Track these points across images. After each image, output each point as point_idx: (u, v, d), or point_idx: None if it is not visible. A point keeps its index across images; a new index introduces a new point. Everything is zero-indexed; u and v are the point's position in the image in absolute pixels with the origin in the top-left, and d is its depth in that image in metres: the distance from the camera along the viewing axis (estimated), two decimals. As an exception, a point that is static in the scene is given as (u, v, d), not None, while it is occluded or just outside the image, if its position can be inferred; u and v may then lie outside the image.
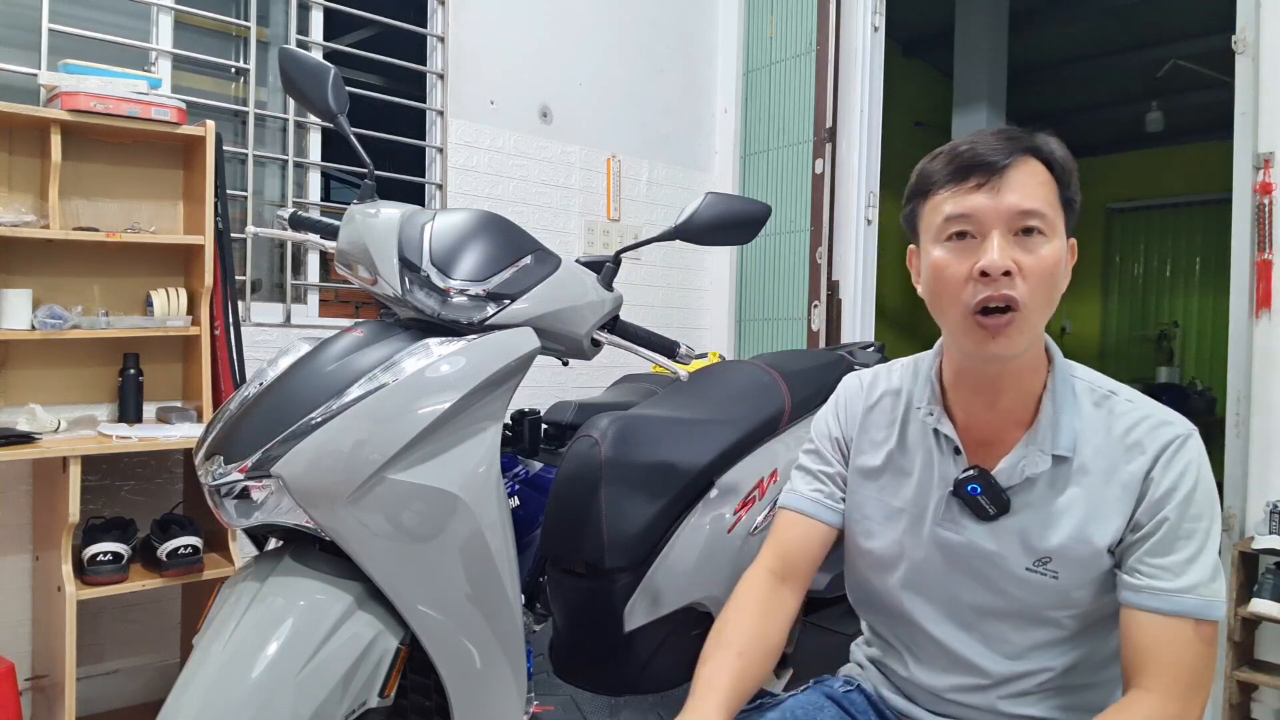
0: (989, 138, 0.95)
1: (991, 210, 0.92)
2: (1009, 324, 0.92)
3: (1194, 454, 0.95)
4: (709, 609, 1.64)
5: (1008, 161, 0.92)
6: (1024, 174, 0.93)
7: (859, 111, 3.28)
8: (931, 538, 1.05)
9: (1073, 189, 0.96)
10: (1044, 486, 0.98)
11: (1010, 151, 0.93)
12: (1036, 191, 0.92)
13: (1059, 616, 0.99)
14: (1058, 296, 0.95)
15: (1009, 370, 0.98)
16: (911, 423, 1.09)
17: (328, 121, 1.42)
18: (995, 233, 0.91)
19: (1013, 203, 0.91)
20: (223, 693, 1.03)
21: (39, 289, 2.09)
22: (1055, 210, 0.94)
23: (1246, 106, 2.36)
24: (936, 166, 0.97)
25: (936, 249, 0.96)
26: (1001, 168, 0.92)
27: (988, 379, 1.00)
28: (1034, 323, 0.93)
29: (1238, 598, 2.24)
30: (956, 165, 0.94)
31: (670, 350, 1.47)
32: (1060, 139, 0.98)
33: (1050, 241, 0.92)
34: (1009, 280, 0.90)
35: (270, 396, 1.19)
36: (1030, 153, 0.94)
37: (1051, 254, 0.92)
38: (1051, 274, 0.93)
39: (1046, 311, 0.94)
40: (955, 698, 1.04)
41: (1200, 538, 0.93)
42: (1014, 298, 0.91)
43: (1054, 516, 0.97)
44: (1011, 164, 0.92)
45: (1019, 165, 0.93)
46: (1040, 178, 0.94)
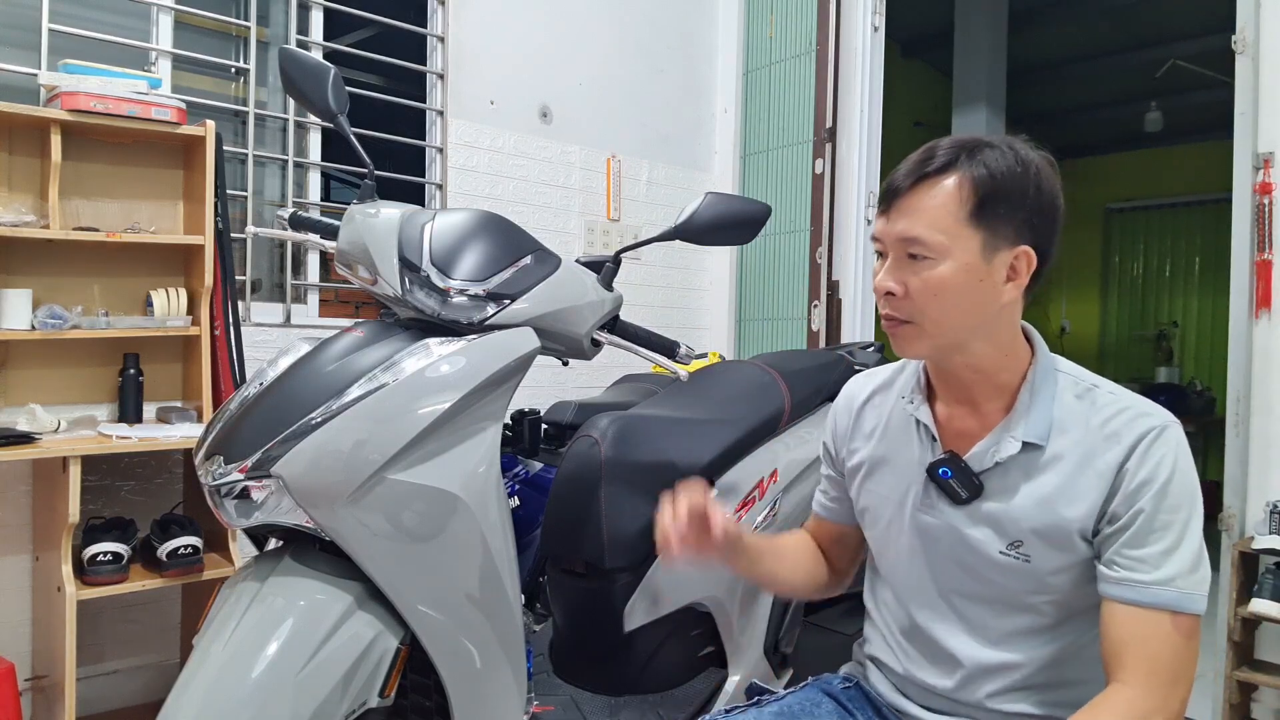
0: (912, 159, 0.99)
1: (886, 235, 0.99)
2: (903, 331, 1.00)
3: (1172, 445, 0.96)
4: (709, 609, 1.64)
5: (904, 186, 0.97)
6: (921, 199, 0.96)
7: (859, 111, 3.28)
8: (913, 523, 1.08)
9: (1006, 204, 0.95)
10: (1017, 472, 1.00)
11: (911, 176, 0.97)
12: (925, 217, 0.95)
13: (1037, 603, 1.00)
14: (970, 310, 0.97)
15: (959, 365, 1.02)
16: (896, 414, 1.13)
17: (328, 121, 1.42)
18: (891, 256, 0.99)
19: (900, 229, 0.97)
20: (223, 693, 1.03)
21: (39, 289, 2.09)
22: (952, 232, 0.94)
23: (1246, 106, 2.36)
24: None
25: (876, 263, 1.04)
26: (900, 194, 0.97)
27: (949, 373, 1.05)
28: (935, 333, 0.98)
29: (1237, 598, 2.24)
30: (882, 190, 1.01)
31: (670, 350, 1.47)
32: (1059, 139, 0.99)
33: (939, 263, 0.95)
34: (893, 299, 0.99)
35: (270, 396, 1.19)
36: (941, 173, 0.95)
37: (936, 275, 0.95)
38: (935, 294, 0.96)
39: (952, 324, 0.97)
40: (948, 693, 1.06)
41: (1178, 530, 0.94)
42: (897, 315, 0.99)
43: (1025, 500, 0.99)
44: (907, 190, 0.97)
45: (918, 190, 0.96)
46: (940, 200, 0.95)
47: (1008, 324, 1.01)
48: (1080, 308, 7.79)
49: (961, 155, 0.96)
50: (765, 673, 1.73)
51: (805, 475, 1.79)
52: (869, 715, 1.14)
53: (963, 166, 0.95)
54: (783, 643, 1.76)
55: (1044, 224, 0.98)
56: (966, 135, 1.00)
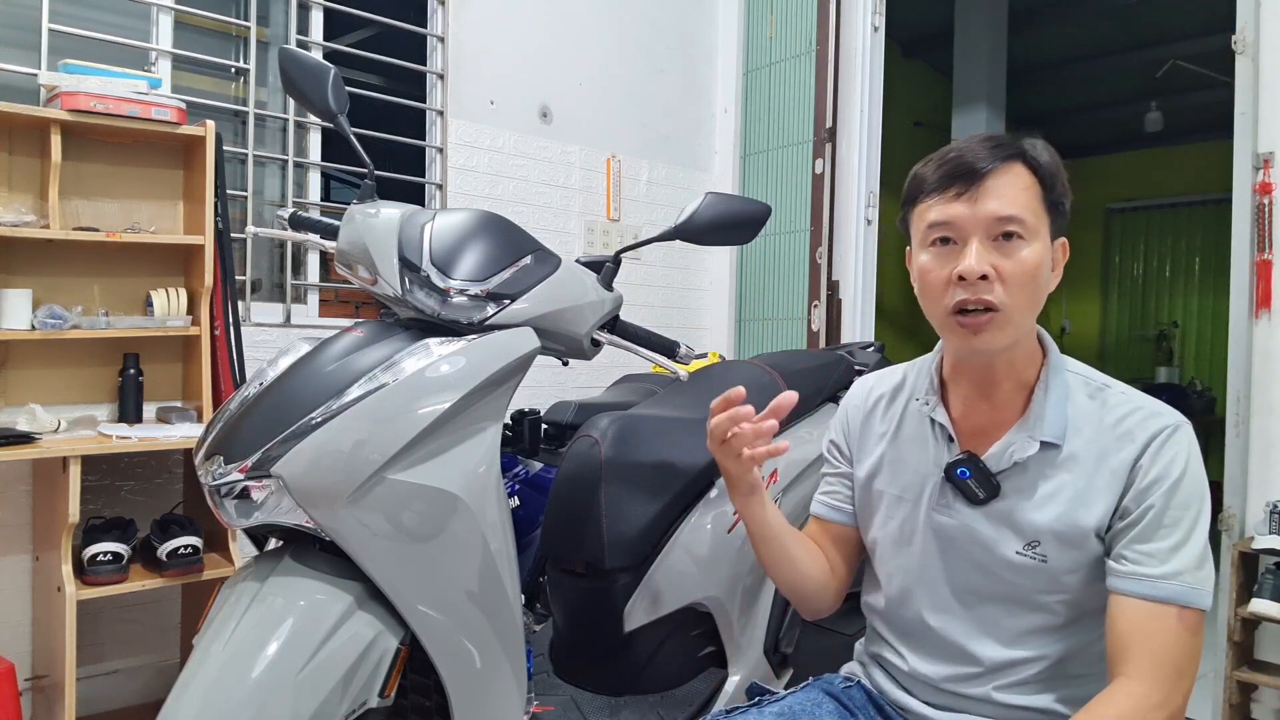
0: (975, 145, 0.99)
1: (970, 218, 0.96)
2: (989, 322, 0.97)
3: (1183, 444, 0.97)
4: (709, 609, 1.64)
5: (988, 169, 0.96)
6: (1005, 181, 0.96)
7: (859, 111, 3.28)
8: (927, 522, 1.08)
9: (1058, 192, 0.99)
10: (1033, 472, 1.01)
11: (992, 159, 0.97)
12: (1017, 197, 0.96)
13: (1050, 602, 1.01)
14: (1042, 296, 0.99)
15: (1000, 363, 1.02)
16: (910, 414, 1.13)
17: (328, 121, 1.42)
18: (974, 239, 0.96)
19: (991, 210, 0.96)
20: (223, 693, 1.03)
21: (39, 289, 2.09)
22: (1037, 214, 0.97)
23: (1246, 106, 2.36)
24: (924, 174, 1.02)
25: (923, 254, 1.01)
26: (982, 175, 0.96)
27: (982, 371, 1.04)
28: (1016, 321, 0.97)
29: (1237, 598, 2.24)
30: (941, 174, 0.99)
31: (670, 350, 1.47)
32: (1059, 139, 1.01)
33: (1030, 245, 0.96)
34: (986, 284, 0.95)
35: (270, 396, 1.19)
36: (1013, 159, 0.98)
37: (1031, 257, 0.96)
38: (1031, 276, 0.96)
39: (1029, 311, 0.98)
40: (952, 688, 1.06)
41: (1186, 526, 0.95)
42: (990, 301, 0.96)
43: (1042, 500, 1.00)
44: (992, 171, 0.96)
45: (1000, 172, 0.96)
46: (1022, 183, 0.97)
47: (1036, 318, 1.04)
48: (1080, 308, 7.79)
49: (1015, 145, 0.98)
50: (765, 673, 1.73)
51: (805, 475, 1.79)
52: (870, 715, 1.14)
53: (1027, 154, 0.98)
54: (783, 643, 1.76)
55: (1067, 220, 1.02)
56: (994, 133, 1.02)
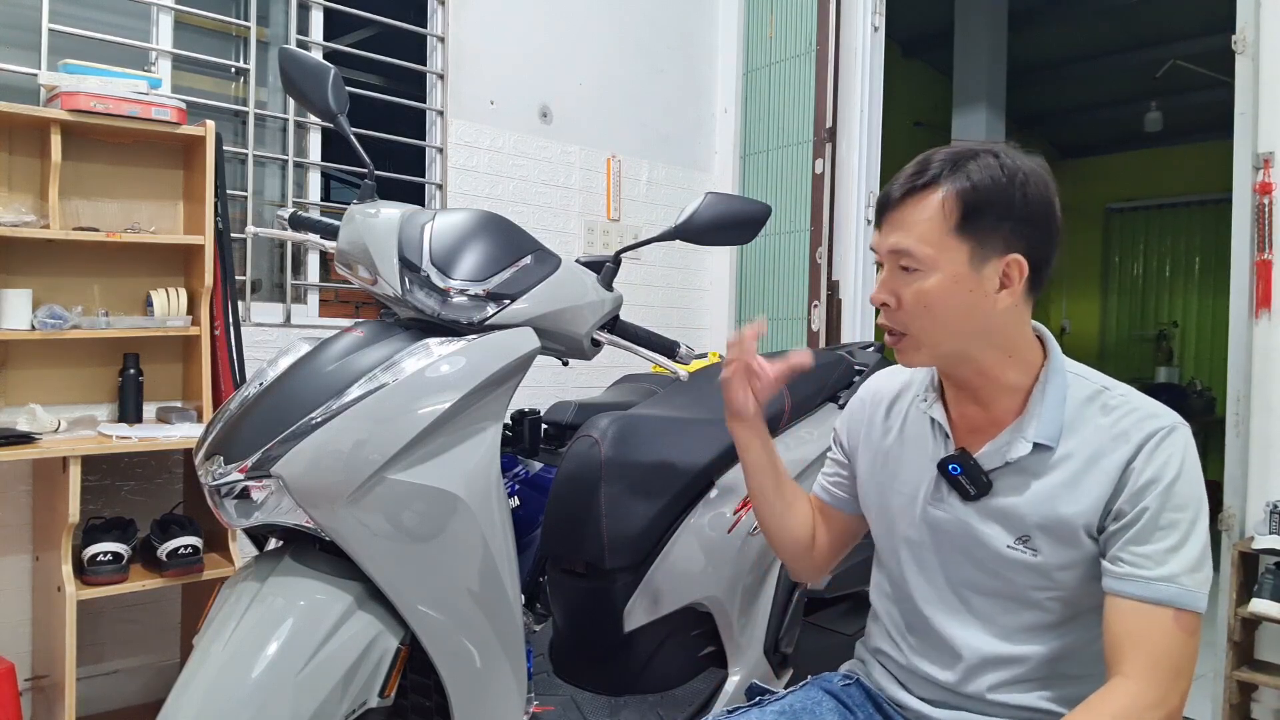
0: (905, 172, 1.02)
1: (880, 247, 1.03)
2: (899, 342, 1.04)
3: (1179, 446, 0.97)
4: (709, 609, 1.64)
5: (896, 199, 1.00)
6: (908, 213, 0.99)
7: (859, 111, 3.28)
8: (923, 517, 1.10)
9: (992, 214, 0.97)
10: (1027, 471, 1.02)
11: (901, 190, 1.00)
12: (916, 229, 0.98)
13: (1043, 599, 1.02)
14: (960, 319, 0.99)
15: (965, 371, 1.05)
16: (912, 412, 1.15)
17: (328, 121, 1.42)
18: (886, 267, 1.03)
19: (892, 242, 1.00)
20: (223, 693, 1.03)
21: (39, 289, 2.09)
22: (939, 245, 0.97)
23: (1246, 106, 2.36)
24: None
25: None
26: (891, 207, 1.01)
27: (960, 378, 1.07)
28: (928, 344, 1.02)
29: (1237, 598, 2.25)
30: (877, 202, 1.05)
31: (670, 350, 1.47)
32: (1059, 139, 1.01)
33: (927, 276, 0.98)
34: (888, 310, 1.03)
35: (270, 396, 1.19)
36: (928, 187, 0.98)
37: (925, 287, 0.99)
38: (926, 305, 0.99)
39: (945, 335, 1.01)
40: (950, 686, 1.07)
41: (1183, 528, 0.95)
42: (890, 326, 1.03)
43: (1034, 496, 1.01)
44: (899, 203, 1.00)
45: (907, 204, 1.00)
46: (928, 214, 0.98)
47: (1010, 329, 1.02)
48: (1080, 308, 7.80)
49: (947, 168, 0.98)
50: (765, 673, 1.73)
51: (805, 475, 1.79)
52: (869, 712, 1.14)
53: (947, 180, 0.98)
54: (783, 643, 1.76)
55: (1034, 231, 0.99)
56: (961, 145, 1.01)
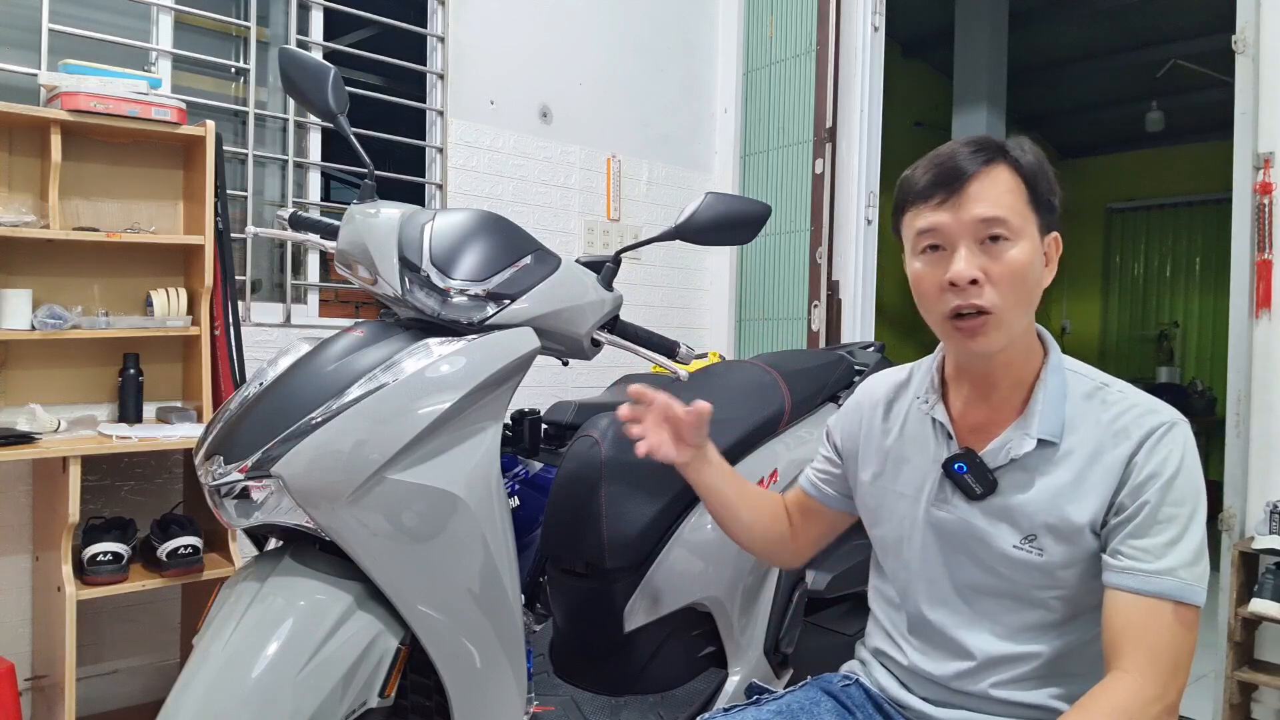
0: (958, 148, 1.00)
1: (955, 224, 0.98)
2: (983, 325, 0.98)
3: (1179, 441, 0.98)
4: (709, 609, 1.64)
5: (970, 173, 0.97)
6: (987, 184, 0.97)
7: (859, 111, 3.28)
8: (927, 518, 1.09)
9: (1043, 189, 1.00)
10: (1030, 468, 1.02)
11: (974, 163, 0.98)
12: (1000, 199, 0.97)
13: (1047, 598, 1.02)
14: (1035, 294, 1.00)
15: (999, 362, 1.03)
16: (913, 413, 1.15)
17: (328, 121, 1.42)
18: (962, 244, 0.98)
19: (975, 214, 0.97)
20: (223, 693, 1.03)
21: (39, 289, 2.09)
22: (1022, 214, 0.98)
23: (1246, 106, 2.37)
24: (910, 181, 1.03)
25: (915, 261, 1.03)
26: (965, 181, 0.97)
27: (981, 371, 1.06)
28: (1009, 322, 0.99)
29: (1238, 598, 2.25)
30: (925, 181, 1.00)
31: (670, 350, 1.47)
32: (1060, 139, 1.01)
33: (1017, 245, 0.97)
34: (976, 288, 0.97)
35: (270, 396, 1.19)
36: (995, 161, 0.98)
37: (1019, 256, 0.97)
38: (1021, 277, 0.98)
39: (1022, 310, 1.00)
40: (951, 684, 1.07)
41: (1182, 523, 0.95)
42: (982, 305, 0.97)
43: (1039, 496, 1.01)
44: (974, 175, 0.97)
45: (982, 176, 0.98)
46: (1005, 185, 0.98)
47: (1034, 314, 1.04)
48: (1081, 307, 7.80)
49: (1003, 145, 1.00)
50: (765, 673, 1.73)
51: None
52: (869, 713, 1.14)
53: (1010, 155, 0.99)
54: (783, 643, 1.76)
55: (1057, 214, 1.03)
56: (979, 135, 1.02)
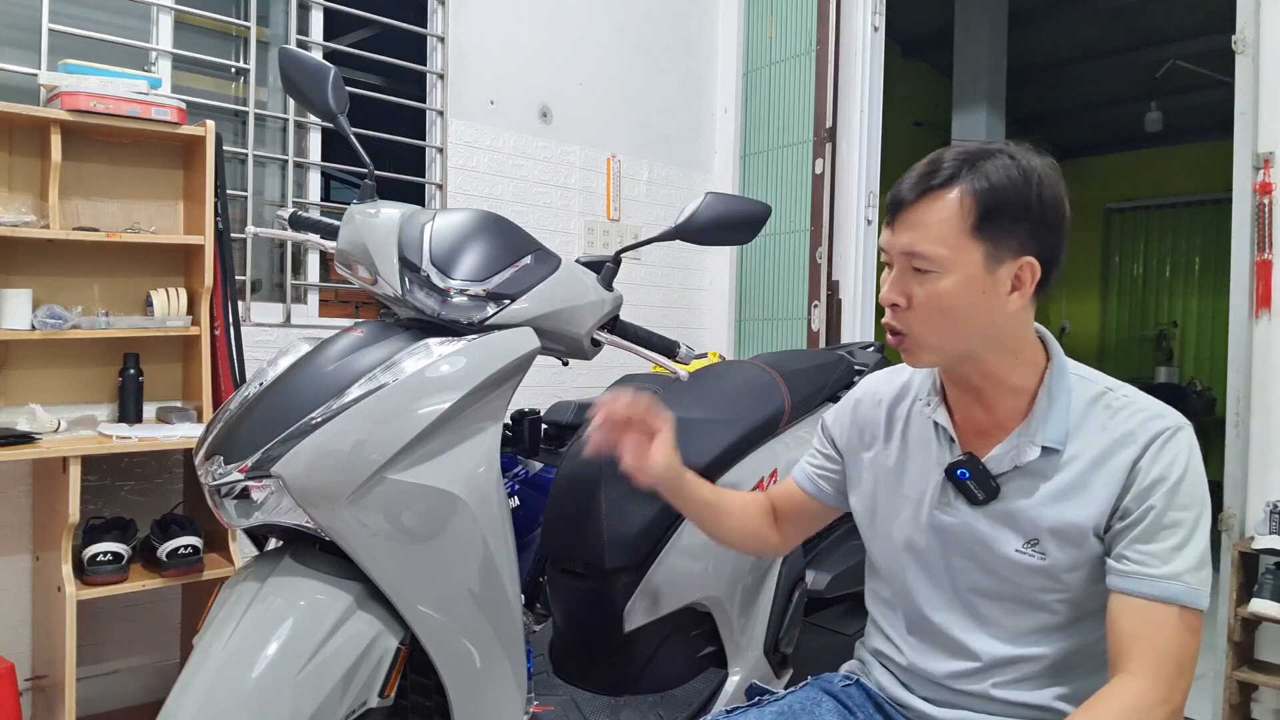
0: (915, 170, 0.99)
1: (890, 247, 1.00)
2: (903, 344, 1.02)
3: (1184, 446, 0.98)
4: (709, 609, 1.64)
5: (910, 200, 0.98)
6: (923, 213, 0.97)
7: (859, 111, 3.28)
8: (930, 521, 1.09)
9: (1007, 214, 0.95)
10: (1034, 474, 1.02)
11: (914, 191, 0.98)
12: (930, 231, 0.96)
13: (1050, 601, 1.02)
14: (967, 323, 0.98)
15: (970, 373, 1.04)
16: (914, 416, 1.14)
17: (328, 121, 1.42)
18: (896, 268, 1.00)
19: (904, 243, 0.98)
20: (223, 693, 1.03)
21: (39, 289, 2.09)
22: (955, 245, 0.95)
23: (1246, 106, 2.37)
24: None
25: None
26: (905, 207, 0.98)
27: (963, 380, 1.05)
28: (932, 347, 1.00)
29: (1237, 598, 2.24)
30: (889, 200, 1.02)
31: (670, 350, 1.47)
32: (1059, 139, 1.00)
33: (943, 278, 0.96)
34: (896, 311, 1.01)
35: (270, 396, 1.19)
36: (943, 188, 0.96)
37: (940, 289, 0.97)
38: (939, 308, 0.97)
39: (951, 337, 0.99)
40: (952, 684, 1.07)
41: (1188, 527, 0.95)
42: (895, 326, 1.01)
43: (1042, 501, 1.01)
44: (913, 203, 0.98)
45: (920, 205, 0.97)
46: (943, 214, 0.96)
47: (1016, 331, 1.01)
48: (1080, 308, 7.80)
49: (964, 168, 0.96)
50: (765, 673, 1.73)
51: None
52: (870, 713, 1.14)
53: (965, 179, 0.95)
54: (783, 643, 1.76)
55: (1048, 233, 0.98)
56: (972, 144, 1.00)
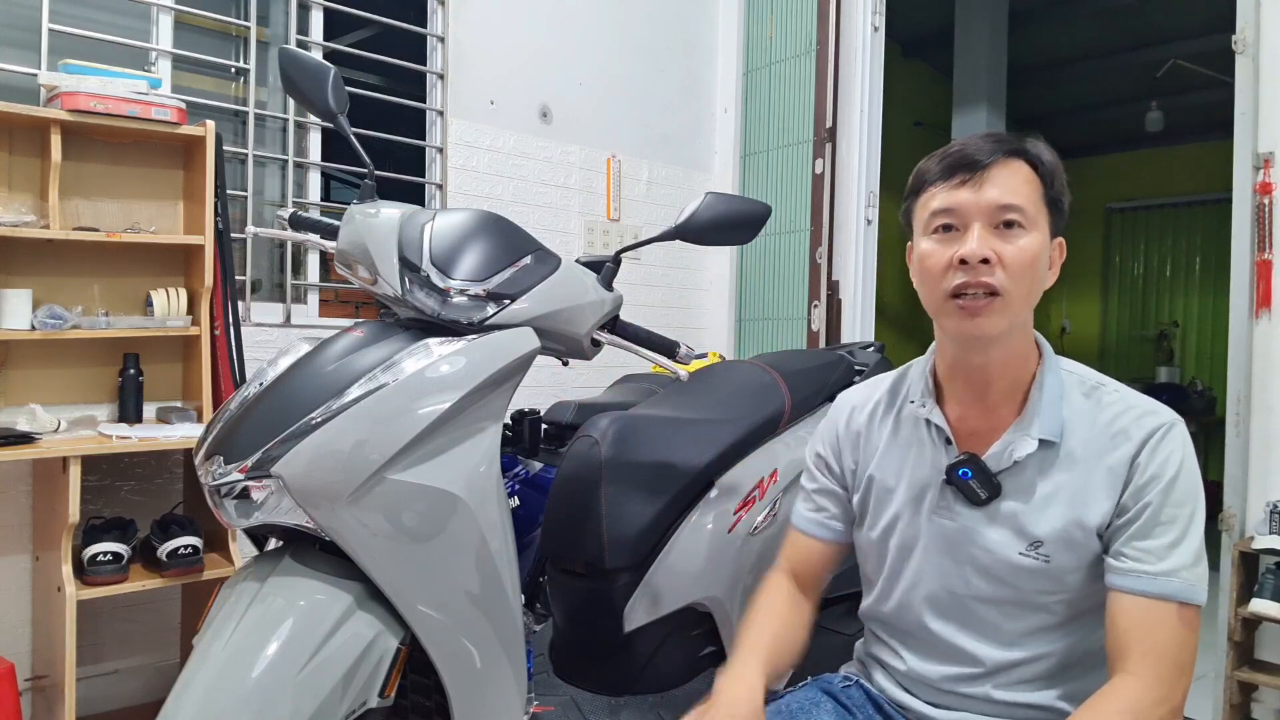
0: (979, 140, 1.02)
1: (973, 204, 0.98)
2: (987, 306, 0.97)
3: (1178, 442, 0.98)
4: (709, 609, 1.64)
5: (991, 160, 0.99)
6: (1006, 172, 0.99)
7: (859, 111, 3.28)
8: (929, 526, 1.08)
9: (1057, 190, 1.02)
10: (1033, 472, 1.02)
11: (995, 151, 1.00)
12: (1018, 189, 0.99)
13: (1050, 602, 1.02)
14: (1039, 289, 1.01)
15: (995, 359, 1.03)
16: (905, 418, 1.13)
17: (328, 121, 1.42)
18: (976, 224, 0.98)
19: (993, 197, 0.98)
20: (223, 693, 1.03)
21: (39, 289, 2.09)
22: (1036, 207, 0.99)
23: (1246, 106, 2.36)
24: (929, 165, 1.04)
25: (925, 240, 1.03)
26: (985, 165, 0.99)
27: (977, 368, 1.04)
28: (1014, 308, 0.99)
29: (1238, 598, 2.24)
30: (946, 164, 1.01)
31: (670, 350, 1.47)
32: (1059, 139, 1.01)
33: (1030, 234, 0.98)
34: (987, 268, 0.97)
35: (270, 396, 1.19)
36: (1015, 154, 1.00)
37: (1030, 245, 0.98)
38: (1030, 264, 0.98)
39: (1028, 300, 1.00)
40: (952, 688, 1.06)
41: (1183, 524, 0.96)
42: (991, 284, 0.97)
43: (1044, 501, 1.01)
44: (995, 162, 0.99)
45: (1002, 164, 0.99)
46: (1023, 176, 1.00)
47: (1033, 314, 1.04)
48: (1081, 307, 7.79)
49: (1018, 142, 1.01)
50: (765, 673, 1.73)
51: (805, 475, 1.79)
52: (870, 714, 1.14)
53: (1030, 152, 1.01)
54: (783, 643, 1.76)
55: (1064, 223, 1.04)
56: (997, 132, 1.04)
